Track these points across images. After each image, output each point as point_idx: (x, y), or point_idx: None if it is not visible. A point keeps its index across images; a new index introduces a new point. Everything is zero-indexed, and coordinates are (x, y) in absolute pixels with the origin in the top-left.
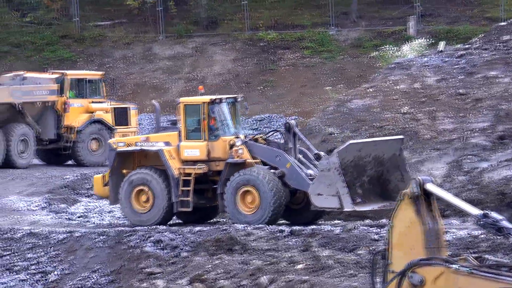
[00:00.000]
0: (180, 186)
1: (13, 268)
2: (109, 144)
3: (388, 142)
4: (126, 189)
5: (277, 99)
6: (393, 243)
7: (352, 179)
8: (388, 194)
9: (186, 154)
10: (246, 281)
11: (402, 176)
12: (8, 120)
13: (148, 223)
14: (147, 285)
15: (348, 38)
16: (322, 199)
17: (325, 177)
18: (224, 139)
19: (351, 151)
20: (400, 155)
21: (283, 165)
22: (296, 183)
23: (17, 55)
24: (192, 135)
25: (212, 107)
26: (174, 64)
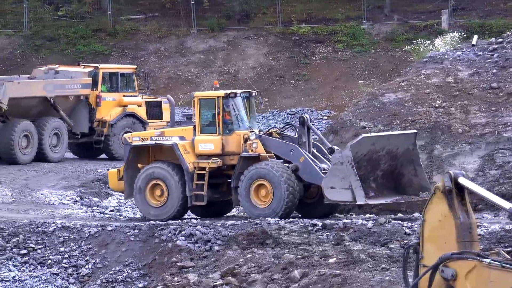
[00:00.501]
0: (194, 180)
1: (46, 262)
2: (124, 138)
3: (402, 136)
4: (140, 183)
5: (310, 93)
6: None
7: (366, 173)
8: (401, 188)
9: (201, 148)
10: (278, 275)
11: (415, 170)
12: (41, 114)
13: (162, 217)
14: (179, 279)
15: (381, 32)
16: (335, 193)
17: (338, 170)
18: (239, 133)
19: (365, 145)
20: (414, 149)
21: (297, 159)
22: (309, 177)
23: (51, 48)
24: (207, 129)
25: (227, 102)
26: (207, 58)
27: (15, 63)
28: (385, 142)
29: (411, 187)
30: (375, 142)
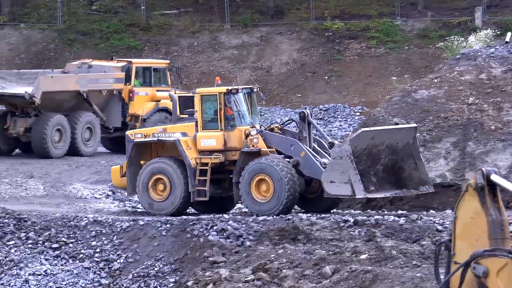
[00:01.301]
0: (197, 176)
1: (78, 256)
2: (127, 135)
3: (402, 130)
4: (143, 178)
5: (343, 89)
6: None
7: (366, 167)
8: (402, 183)
9: (203, 144)
10: (310, 271)
11: (416, 164)
12: (74, 108)
13: (164, 212)
14: (210, 274)
15: (414, 29)
16: (335, 187)
17: (337, 164)
18: (240, 128)
19: (364, 139)
20: (414, 143)
21: (298, 154)
22: (310, 172)
23: (84, 43)
24: (209, 125)
25: (229, 97)
26: (240, 53)
27: (48, 57)
28: (385, 136)
29: (412, 181)
30: (375, 136)
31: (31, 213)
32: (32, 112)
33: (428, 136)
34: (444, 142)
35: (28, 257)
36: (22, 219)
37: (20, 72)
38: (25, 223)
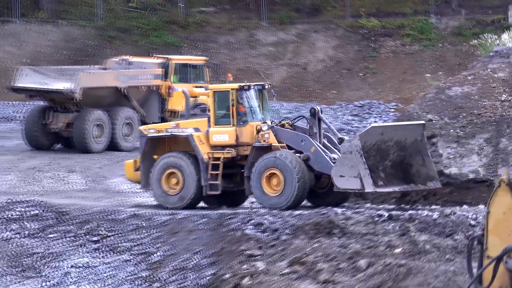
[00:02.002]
0: (209, 170)
1: (117, 248)
2: (140, 130)
3: (410, 127)
4: (157, 171)
5: (378, 85)
6: (489, 229)
7: (375, 163)
8: (410, 178)
9: (215, 139)
10: (344, 264)
11: (423, 160)
12: (113, 104)
13: (177, 205)
14: (247, 267)
15: (448, 26)
16: (344, 181)
17: (347, 159)
18: (252, 124)
19: (373, 135)
20: (422, 140)
21: (308, 149)
22: (320, 167)
23: (124, 39)
24: (221, 121)
25: (241, 94)
26: (277, 50)
27: (88, 54)
28: (394, 132)
29: (420, 177)
30: (384, 132)
31: (71, 206)
32: (73, 107)
33: (462, 132)
34: (477, 139)
35: (69, 250)
36: (63, 213)
37: (60, 68)
38: (66, 217)
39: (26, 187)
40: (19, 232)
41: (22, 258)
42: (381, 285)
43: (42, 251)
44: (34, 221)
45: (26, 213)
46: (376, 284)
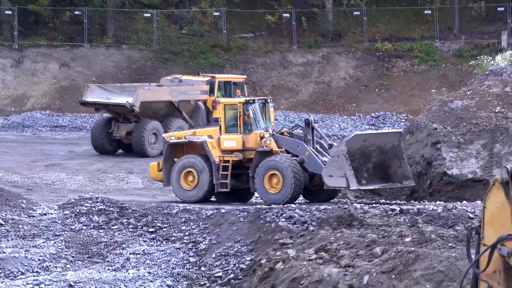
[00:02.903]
0: (220, 171)
1: (170, 238)
2: (163, 137)
3: (389, 134)
4: (176, 170)
5: (391, 99)
6: (485, 221)
7: (359, 165)
8: (388, 177)
9: (225, 145)
10: (363, 251)
11: (400, 163)
12: (167, 115)
13: (193, 199)
14: (280, 254)
15: (450, 49)
16: (333, 180)
17: (335, 161)
18: (256, 132)
19: (357, 141)
20: (399, 145)
21: (303, 153)
22: (313, 168)
23: (176, 61)
24: (230, 130)
25: (247, 107)
26: (305, 70)
27: (146, 73)
28: (375, 139)
29: (397, 176)
30: (366, 138)
31: (131, 202)
32: (133, 118)
33: (462, 139)
34: (475, 144)
35: (129, 239)
36: (124, 208)
37: (122, 85)
38: (127, 211)
39: (93, 186)
40: (88, 224)
41: (90, 246)
42: (394, 269)
43: (107, 240)
44: (100, 214)
45: (93, 208)
46: (389, 267)
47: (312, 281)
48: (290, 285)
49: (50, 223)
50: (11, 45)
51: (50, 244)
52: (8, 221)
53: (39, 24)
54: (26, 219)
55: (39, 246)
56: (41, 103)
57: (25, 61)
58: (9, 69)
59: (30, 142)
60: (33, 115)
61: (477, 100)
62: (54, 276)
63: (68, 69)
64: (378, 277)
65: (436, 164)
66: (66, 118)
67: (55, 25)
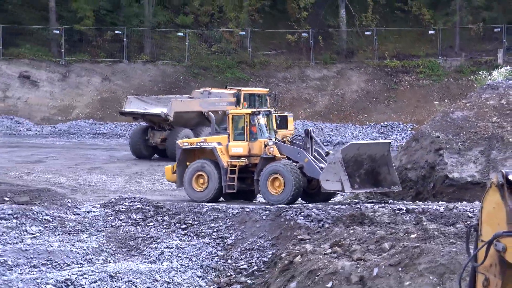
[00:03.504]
0: (228, 174)
1: (200, 234)
2: (177, 143)
3: (379, 144)
4: (189, 173)
5: (398, 110)
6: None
7: (352, 171)
8: (378, 183)
9: (233, 151)
10: (373, 246)
11: (388, 170)
12: (198, 124)
13: (203, 199)
14: (298, 248)
15: (452, 66)
16: (329, 184)
17: (331, 168)
18: (261, 140)
19: (352, 150)
20: (388, 155)
21: (302, 160)
22: (311, 173)
23: (205, 75)
24: (238, 137)
25: (253, 117)
26: (321, 84)
27: (178, 86)
28: (367, 148)
29: (386, 182)
30: (359, 147)
31: (165, 202)
32: (167, 127)
33: (462, 146)
34: (474, 151)
35: (164, 235)
36: (159, 207)
37: (158, 97)
38: (161, 210)
39: (131, 187)
40: (126, 221)
41: (128, 241)
42: (400, 262)
43: (143, 235)
44: (138, 213)
45: (131, 207)
46: (396, 261)
47: (327, 273)
48: (307, 276)
49: (93, 220)
50: (58, 61)
51: (93, 239)
52: (56, 218)
53: (84, 42)
54: (72, 217)
55: (83, 240)
56: (85, 113)
57: (70, 76)
58: (56, 82)
59: (75, 147)
60: (77, 123)
61: (476, 111)
62: (96, 268)
63: (109, 83)
64: (387, 269)
65: (439, 169)
66: (107, 126)
67: (98, 43)
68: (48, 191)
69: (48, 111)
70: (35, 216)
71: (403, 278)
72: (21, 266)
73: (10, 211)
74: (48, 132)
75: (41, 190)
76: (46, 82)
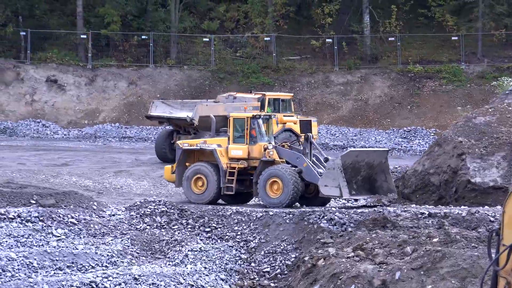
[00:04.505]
0: (226, 176)
1: (224, 237)
2: (177, 144)
3: (377, 152)
4: (188, 176)
5: (421, 115)
6: (504, 224)
7: (350, 177)
8: (375, 190)
9: (232, 153)
10: (395, 250)
11: (386, 177)
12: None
13: (202, 201)
14: (321, 252)
15: (474, 71)
16: (328, 189)
17: (331, 173)
18: (260, 144)
19: (351, 156)
20: (385, 162)
21: (301, 164)
22: (310, 178)
23: (231, 80)
24: (238, 140)
25: (253, 121)
26: (345, 89)
27: (204, 91)
28: (365, 155)
29: (382, 189)
30: (358, 154)
31: (190, 205)
32: (192, 131)
33: (484, 151)
34: (496, 156)
35: (188, 238)
36: (183, 210)
37: (183, 101)
38: (186, 213)
39: (156, 190)
40: (151, 224)
41: (153, 243)
42: (422, 266)
43: (168, 238)
44: (162, 216)
45: (156, 210)
46: (418, 265)
47: (350, 276)
48: (330, 279)
49: (118, 223)
50: (85, 65)
51: (117, 241)
52: (81, 221)
53: (110, 47)
54: (97, 219)
55: (108, 243)
56: (111, 116)
57: (97, 80)
58: (83, 86)
59: (101, 151)
60: (104, 127)
61: (498, 116)
62: (121, 270)
63: (135, 87)
64: (409, 273)
65: (461, 173)
66: (133, 130)
67: (124, 48)
68: (74, 194)
69: (75, 115)
70: (61, 218)
71: (425, 282)
72: (46, 268)
73: (36, 213)
74: (74, 136)
75: (67, 193)
76: (73, 86)
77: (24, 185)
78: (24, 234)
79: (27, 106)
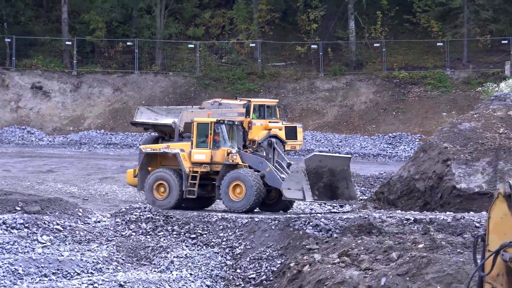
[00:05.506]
0: (189, 180)
1: (210, 243)
2: (140, 148)
3: (340, 158)
4: (150, 182)
5: (406, 121)
6: (490, 229)
7: (313, 183)
8: (335, 197)
9: (195, 158)
10: (381, 256)
11: (347, 184)
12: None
13: (164, 207)
14: (307, 258)
15: (459, 77)
16: (291, 192)
17: (294, 176)
18: (223, 149)
19: (315, 160)
20: (347, 169)
21: (264, 169)
22: (272, 182)
23: (216, 86)
24: (201, 145)
25: (217, 126)
26: (330, 95)
27: (189, 97)
28: (329, 161)
29: (343, 196)
30: (322, 159)
31: (175, 212)
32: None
33: (469, 156)
34: (481, 161)
35: (173, 244)
36: (169, 216)
37: (168, 108)
38: (171, 219)
39: (141, 196)
40: (136, 231)
41: (138, 250)
42: (408, 272)
43: (153, 245)
44: (148, 222)
45: (141, 216)
46: (404, 271)
47: (335, 282)
48: (316, 286)
49: (103, 229)
50: (71, 72)
51: (103, 248)
52: (66, 228)
53: (95, 54)
54: (82, 226)
55: (93, 250)
56: (96, 123)
57: (82, 86)
58: (68, 93)
59: (86, 157)
60: (89, 133)
61: (483, 122)
62: (106, 277)
63: (120, 93)
64: (394, 279)
65: (447, 179)
66: (118, 137)
67: (110, 55)
68: (59, 200)
69: (60, 121)
70: (46, 225)
71: (410, 287)
72: (32, 275)
73: (21, 220)
74: (59, 142)
75: (52, 199)
76: (58, 93)
77: (9, 192)
78: (9, 241)
79: (12, 112)
